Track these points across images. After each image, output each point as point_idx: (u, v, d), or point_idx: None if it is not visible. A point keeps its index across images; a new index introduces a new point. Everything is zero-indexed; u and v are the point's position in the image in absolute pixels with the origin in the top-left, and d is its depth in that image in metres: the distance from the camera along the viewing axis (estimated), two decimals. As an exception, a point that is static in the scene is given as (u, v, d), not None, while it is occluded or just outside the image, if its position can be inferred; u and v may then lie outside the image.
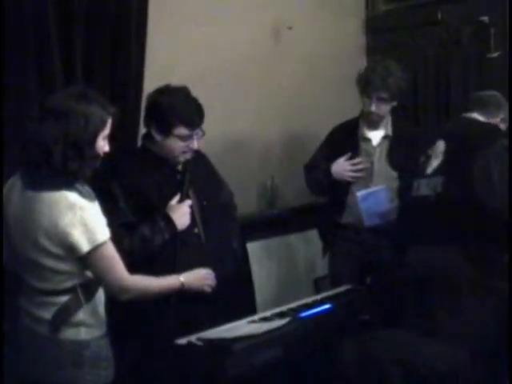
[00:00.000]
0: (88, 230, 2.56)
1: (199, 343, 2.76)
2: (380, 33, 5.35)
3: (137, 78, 3.88)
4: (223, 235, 3.34)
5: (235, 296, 3.41)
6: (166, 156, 3.21)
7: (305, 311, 3.02)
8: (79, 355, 2.71)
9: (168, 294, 3.01)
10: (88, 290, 2.71)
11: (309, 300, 3.25)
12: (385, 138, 4.10)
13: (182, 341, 2.80)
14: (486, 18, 4.69)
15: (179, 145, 3.16)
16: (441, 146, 3.58)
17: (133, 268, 2.82)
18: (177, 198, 3.15)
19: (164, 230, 3.09)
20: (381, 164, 4.08)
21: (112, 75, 3.79)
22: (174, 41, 4.18)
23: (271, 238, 4.71)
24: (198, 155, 3.36)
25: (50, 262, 2.60)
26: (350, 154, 4.03)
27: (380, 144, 4.10)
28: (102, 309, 2.79)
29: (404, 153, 4.00)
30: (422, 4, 5.18)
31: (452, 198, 3.37)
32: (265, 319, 3.02)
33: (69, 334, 2.69)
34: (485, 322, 2.81)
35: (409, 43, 5.13)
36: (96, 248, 2.58)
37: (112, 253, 2.66)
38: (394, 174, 4.05)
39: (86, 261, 2.61)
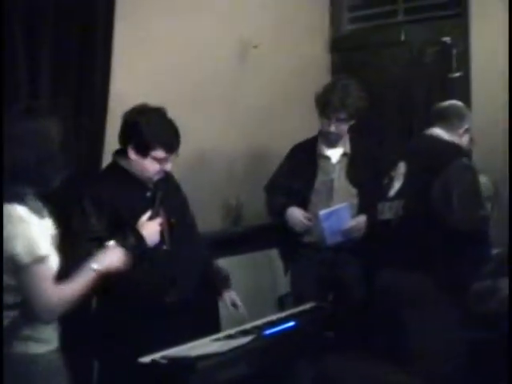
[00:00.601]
0: (30, 244, 2.56)
1: (163, 361, 2.74)
2: (344, 52, 5.40)
3: (102, 95, 3.89)
4: (191, 253, 3.34)
5: (199, 314, 3.40)
6: (140, 175, 3.21)
7: (269, 329, 3.02)
8: (28, 370, 2.69)
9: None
10: None
11: (273, 317, 3.25)
12: (344, 155, 4.14)
13: (146, 359, 2.78)
14: (448, 39, 4.76)
15: (155, 166, 3.16)
16: (402, 167, 3.62)
17: (101, 283, 2.84)
18: (147, 214, 3.15)
19: (134, 246, 3.08)
20: (340, 181, 4.12)
21: (78, 92, 3.80)
22: (137, 59, 4.18)
23: (235, 255, 4.70)
24: (169, 175, 3.38)
25: (5, 275, 2.59)
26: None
27: (339, 162, 4.14)
28: (52, 323, 2.76)
29: (363, 170, 4.06)
30: (385, 24, 5.26)
31: (412, 220, 3.40)
32: (229, 337, 3.01)
33: (18, 348, 2.68)
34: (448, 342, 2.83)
35: (373, 63, 5.19)
36: (35, 261, 2.56)
37: (48, 271, 2.61)
38: (354, 190, 4.10)
39: (24, 273, 2.58)
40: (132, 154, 3.18)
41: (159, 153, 3.15)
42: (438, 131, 3.62)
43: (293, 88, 4.99)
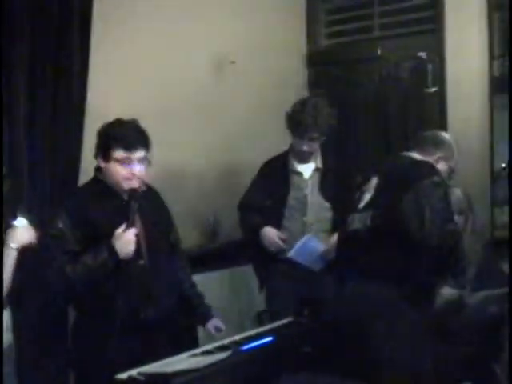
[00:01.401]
0: None
1: (140, 378, 2.70)
2: (321, 67, 5.43)
3: (78, 109, 3.89)
4: (170, 270, 3.32)
5: (177, 329, 3.38)
6: (112, 185, 3.19)
7: (247, 344, 2.99)
8: None
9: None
10: None
11: (251, 333, 3.23)
12: (316, 170, 4.17)
13: (123, 375, 2.75)
14: (423, 54, 4.80)
15: (119, 169, 3.14)
16: (374, 181, 3.64)
17: (75, 296, 2.85)
18: (123, 227, 3.13)
19: (107, 259, 3.06)
20: (313, 196, 4.14)
21: (53, 108, 3.79)
22: (114, 72, 4.19)
23: (213, 271, 4.69)
24: (150, 190, 3.36)
25: None
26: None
27: (311, 177, 4.16)
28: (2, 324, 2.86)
29: (335, 184, 4.08)
30: (362, 40, 5.29)
31: (379, 231, 3.42)
32: (207, 353, 2.98)
33: None
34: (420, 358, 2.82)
35: (349, 77, 5.23)
36: None
37: None
38: (327, 204, 4.12)
39: None
40: (99, 161, 3.19)
41: (120, 153, 3.13)
42: (413, 154, 3.64)
43: (269, 103, 5.00)
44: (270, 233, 4.09)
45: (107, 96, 4.01)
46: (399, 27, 5.06)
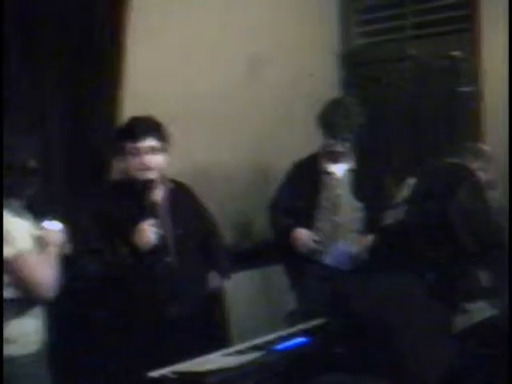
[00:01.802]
0: (10, 240, 2.82)
1: (173, 376, 2.71)
2: (353, 67, 5.40)
3: (113, 105, 3.89)
4: (200, 267, 3.32)
5: (209, 327, 3.38)
6: (131, 179, 3.21)
7: (280, 344, 2.99)
8: (4, 372, 2.78)
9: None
10: (15, 305, 2.88)
11: (284, 333, 3.22)
12: (347, 170, 4.15)
13: (155, 374, 2.76)
14: (456, 54, 4.76)
15: (130, 161, 3.17)
16: (410, 181, 3.63)
17: (100, 293, 2.87)
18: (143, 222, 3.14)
19: (125, 255, 3.07)
20: (346, 197, 4.12)
21: (87, 103, 3.81)
22: (146, 71, 4.18)
23: (247, 270, 4.69)
24: (180, 186, 3.37)
25: None
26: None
27: (343, 177, 4.13)
28: (34, 327, 2.94)
29: (368, 184, 4.05)
30: (394, 39, 5.26)
31: (413, 225, 3.39)
32: (240, 352, 2.98)
33: None
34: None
35: (381, 77, 5.19)
36: (18, 256, 2.83)
37: (33, 260, 2.87)
38: (359, 205, 4.09)
39: (9, 268, 2.82)
40: (118, 159, 3.23)
41: (127, 144, 3.17)
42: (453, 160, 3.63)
43: (301, 103, 4.99)
44: (303, 234, 4.07)
45: (140, 95, 4.02)
46: (432, 26, 5.02)
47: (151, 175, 3.20)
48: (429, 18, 5.05)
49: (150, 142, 3.18)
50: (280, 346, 2.96)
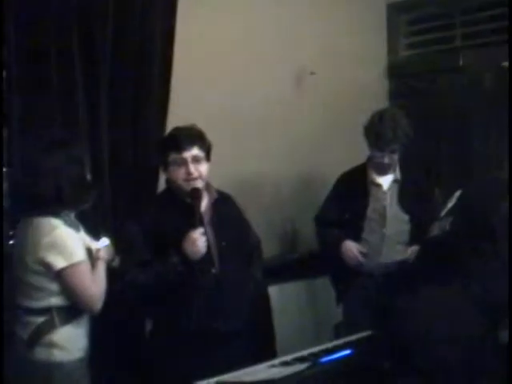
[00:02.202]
0: (63, 251, 2.94)
1: (218, 386, 2.74)
2: (402, 78, 5.38)
3: (160, 117, 3.96)
4: (244, 278, 3.33)
5: (254, 339, 3.39)
6: (177, 191, 3.24)
7: (325, 356, 2.97)
8: (50, 376, 2.94)
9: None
10: (64, 313, 3.00)
11: (329, 345, 3.21)
12: (394, 182, 4.12)
13: (201, 383, 2.78)
14: (506, 64, 4.70)
15: (176, 172, 3.20)
16: (457, 193, 3.60)
17: (150, 304, 3.11)
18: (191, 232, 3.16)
19: (176, 265, 3.09)
20: (392, 208, 4.10)
21: (135, 117, 3.86)
22: (192, 81, 4.23)
23: (292, 281, 4.70)
24: (224, 197, 3.38)
25: (31, 279, 2.97)
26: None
27: (390, 188, 4.12)
28: (81, 334, 3.08)
29: (414, 196, 4.03)
30: (443, 50, 5.22)
31: (458, 236, 3.36)
32: (285, 364, 2.98)
33: (41, 354, 2.97)
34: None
35: (431, 89, 5.16)
36: (70, 266, 2.95)
37: (85, 272, 3.01)
38: (406, 217, 4.07)
39: (61, 277, 2.95)
40: (162, 170, 3.28)
41: (172, 155, 3.20)
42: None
43: (349, 114, 4.98)
44: (351, 247, 4.06)
45: (186, 107, 4.06)
46: (482, 37, 4.97)
47: (198, 184, 3.22)
48: (478, 28, 5.00)
49: (194, 152, 3.21)
50: (325, 359, 2.95)
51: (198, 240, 3.12)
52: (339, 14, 5.07)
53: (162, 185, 3.74)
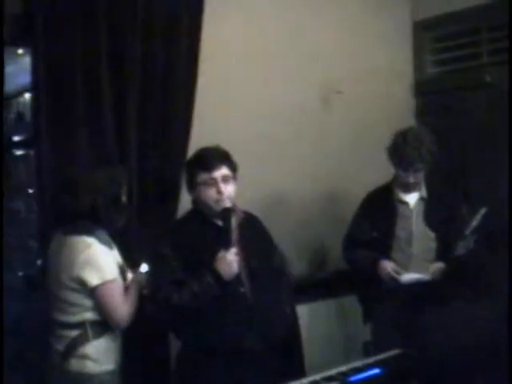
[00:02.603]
0: (98, 268, 3.10)
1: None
2: (429, 96, 5.38)
3: (184, 136, 4.00)
4: (273, 298, 3.33)
5: (284, 358, 3.39)
6: (207, 211, 3.26)
7: (354, 375, 2.97)
8: None
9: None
10: (97, 327, 3.16)
11: (358, 364, 3.21)
12: (420, 199, 4.12)
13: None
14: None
15: (206, 192, 3.22)
16: (482, 211, 3.59)
17: (182, 323, 3.16)
18: (223, 252, 3.18)
19: (212, 285, 3.11)
20: (418, 226, 4.09)
21: (162, 136, 3.91)
22: (222, 102, 4.27)
23: (321, 300, 4.69)
24: (250, 217, 3.40)
25: (66, 295, 3.13)
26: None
27: (416, 206, 4.11)
28: (113, 347, 3.23)
29: (441, 213, 4.03)
30: (470, 67, 5.21)
31: (482, 254, 3.36)
32: (314, 383, 2.98)
33: (75, 365, 3.14)
34: None
35: (458, 106, 5.14)
36: (104, 283, 3.11)
37: (117, 290, 3.17)
38: (432, 234, 4.06)
39: (94, 294, 3.11)
40: (191, 192, 3.30)
41: (202, 176, 3.22)
42: None
43: (376, 132, 4.98)
44: (388, 265, 4.04)
45: (211, 127, 4.10)
46: (508, 53, 4.94)
47: (228, 204, 3.25)
48: (505, 44, 4.98)
49: (224, 171, 3.24)
50: (354, 378, 2.95)
51: (234, 261, 3.15)
52: (366, 31, 5.09)
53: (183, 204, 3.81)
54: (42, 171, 3.60)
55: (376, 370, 3.04)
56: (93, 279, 3.11)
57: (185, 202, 3.68)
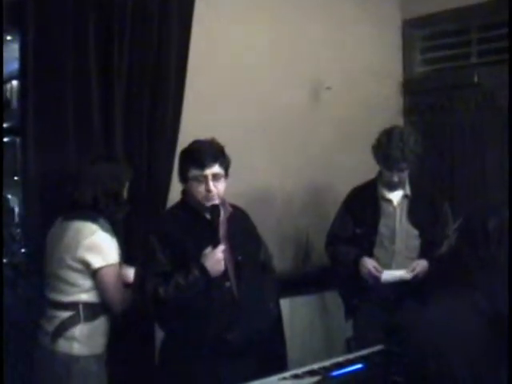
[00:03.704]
0: (102, 252, 3.27)
1: (230, 398, 2.75)
2: (417, 94, 5.39)
3: (172, 130, 4.01)
4: (258, 293, 3.33)
5: (267, 352, 3.39)
6: (195, 205, 3.26)
7: (336, 370, 2.98)
8: (69, 368, 3.20)
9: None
10: (90, 309, 3.28)
11: (341, 359, 3.22)
12: (404, 197, 4.13)
13: (213, 396, 2.79)
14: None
15: (196, 188, 3.21)
16: (459, 221, 3.64)
17: (167, 316, 3.16)
18: (210, 248, 3.18)
19: (198, 278, 3.11)
20: (402, 223, 4.11)
21: (150, 128, 3.89)
22: (211, 97, 4.26)
23: (304, 295, 4.70)
24: (237, 211, 3.40)
25: (67, 274, 3.26)
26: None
27: (400, 204, 4.13)
28: (101, 332, 3.34)
29: (424, 211, 4.05)
30: (458, 66, 5.23)
31: (462, 251, 3.35)
32: (296, 377, 2.99)
33: (63, 346, 3.24)
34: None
35: (445, 105, 5.16)
36: (106, 266, 3.27)
37: (118, 274, 3.31)
38: (416, 232, 4.08)
39: (96, 275, 3.26)
40: (181, 183, 3.30)
41: (194, 172, 3.20)
42: None
43: (365, 129, 4.98)
44: (368, 263, 4.05)
45: (200, 120, 4.09)
46: (497, 54, 4.97)
47: (216, 201, 3.25)
48: (494, 45, 5.01)
49: (215, 170, 3.23)
50: (336, 372, 2.95)
51: (221, 258, 3.15)
52: (355, 29, 5.09)
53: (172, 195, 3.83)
54: (28, 159, 3.57)
55: (358, 366, 3.05)
56: (96, 261, 3.26)
57: (175, 193, 3.68)
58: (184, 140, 3.64)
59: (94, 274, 3.28)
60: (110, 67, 3.74)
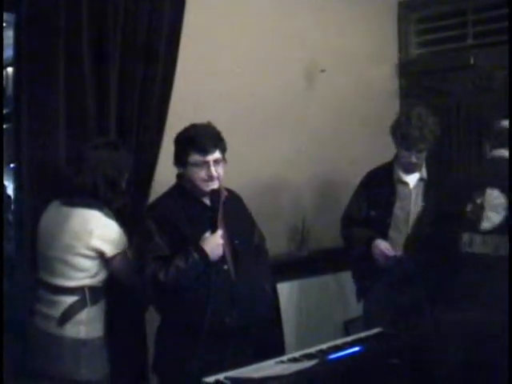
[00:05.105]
0: (113, 240, 3.32)
1: (227, 382, 2.74)
2: (413, 77, 5.38)
3: (161, 114, 3.98)
4: (255, 276, 3.34)
5: (264, 336, 3.40)
6: (193, 189, 3.25)
7: (334, 353, 2.98)
8: (78, 352, 3.26)
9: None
10: (94, 294, 3.32)
11: (338, 342, 3.21)
12: (420, 180, 4.12)
13: (210, 379, 2.78)
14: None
15: (197, 173, 3.21)
16: (494, 194, 3.26)
17: (165, 300, 3.18)
18: (209, 232, 3.18)
19: (198, 262, 3.12)
20: (417, 207, 4.08)
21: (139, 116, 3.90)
22: (205, 82, 4.24)
23: (302, 279, 4.70)
24: (233, 196, 3.40)
25: (76, 261, 3.28)
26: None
27: (416, 187, 4.11)
28: (101, 315, 3.38)
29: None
30: (454, 48, 5.21)
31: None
32: (293, 360, 2.98)
33: (70, 331, 3.26)
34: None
35: (441, 87, 5.15)
36: (118, 254, 3.32)
37: (127, 260, 3.33)
38: None
39: (112, 262, 3.33)
40: (178, 168, 3.30)
41: (195, 157, 3.20)
42: (504, 152, 3.43)
43: (359, 112, 4.99)
44: (382, 245, 4.03)
45: (194, 104, 4.07)
46: (493, 35, 4.96)
47: (216, 185, 3.25)
48: (490, 27, 4.99)
49: (216, 155, 3.23)
50: (333, 355, 2.95)
51: (220, 244, 3.16)
52: (350, 11, 5.07)
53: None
54: (22, 146, 3.56)
55: (355, 348, 3.05)
56: (110, 250, 3.30)
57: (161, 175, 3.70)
58: (173, 125, 3.65)
59: (107, 261, 3.34)
60: (103, 50, 3.72)
